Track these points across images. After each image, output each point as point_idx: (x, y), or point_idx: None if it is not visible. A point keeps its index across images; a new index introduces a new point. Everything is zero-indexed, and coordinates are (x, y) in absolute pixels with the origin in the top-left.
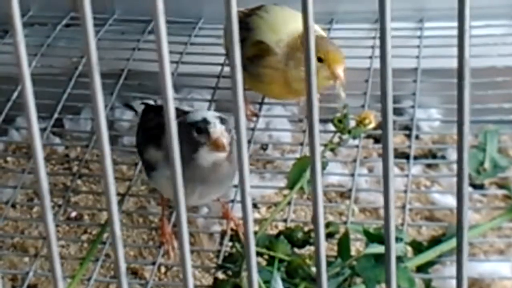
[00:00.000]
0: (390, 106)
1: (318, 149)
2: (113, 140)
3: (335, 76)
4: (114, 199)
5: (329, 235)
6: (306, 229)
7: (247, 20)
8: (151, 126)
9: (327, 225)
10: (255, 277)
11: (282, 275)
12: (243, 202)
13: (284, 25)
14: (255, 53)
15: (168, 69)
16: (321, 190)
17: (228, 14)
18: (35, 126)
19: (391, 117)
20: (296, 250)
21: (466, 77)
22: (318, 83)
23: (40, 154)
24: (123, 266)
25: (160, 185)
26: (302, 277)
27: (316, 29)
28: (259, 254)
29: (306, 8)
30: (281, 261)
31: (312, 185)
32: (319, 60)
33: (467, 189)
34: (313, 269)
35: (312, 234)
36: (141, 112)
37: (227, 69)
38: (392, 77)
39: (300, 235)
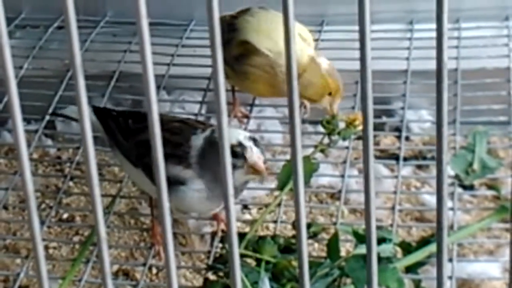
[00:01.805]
0: (370, 108)
1: (300, 150)
2: (105, 141)
3: (331, 111)
4: (98, 200)
5: (313, 236)
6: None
7: (233, 22)
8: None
9: (309, 225)
10: (239, 278)
11: (269, 276)
12: (226, 205)
13: (270, 29)
14: (241, 52)
15: (151, 71)
16: (303, 192)
17: (209, 18)
18: (21, 129)
19: (371, 119)
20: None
21: (444, 80)
22: (312, 102)
23: (25, 157)
24: (107, 267)
25: (189, 199)
26: (288, 279)
27: (301, 27)
28: (248, 255)
29: (287, 12)
30: (269, 262)
31: (294, 185)
32: (329, 93)
33: (446, 190)
34: None
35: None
36: (101, 116)
37: None
38: (381, 78)
39: (282, 240)
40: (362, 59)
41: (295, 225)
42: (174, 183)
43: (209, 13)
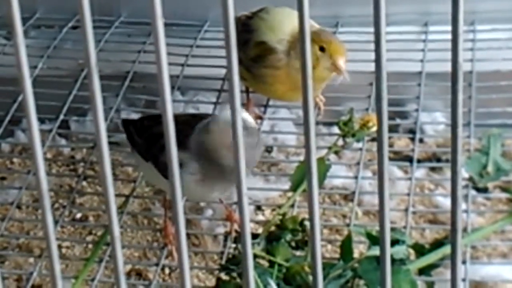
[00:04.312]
0: (385, 109)
1: (314, 149)
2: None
3: (336, 68)
4: (112, 200)
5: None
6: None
7: (249, 23)
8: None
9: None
10: (251, 277)
11: (280, 282)
12: (240, 203)
13: (283, 24)
14: (258, 54)
15: (166, 71)
16: (316, 192)
17: (225, 18)
18: (35, 127)
19: (386, 120)
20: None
21: (459, 81)
22: (319, 74)
23: (40, 156)
24: (121, 265)
25: (184, 183)
26: (299, 285)
27: (313, 24)
28: (261, 257)
29: (302, 11)
30: (281, 265)
31: (308, 185)
32: (321, 49)
33: (461, 191)
34: (311, 277)
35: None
36: (126, 125)
37: None
38: (395, 80)
39: (288, 237)
40: (377, 60)
41: (309, 225)
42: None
43: (225, 13)
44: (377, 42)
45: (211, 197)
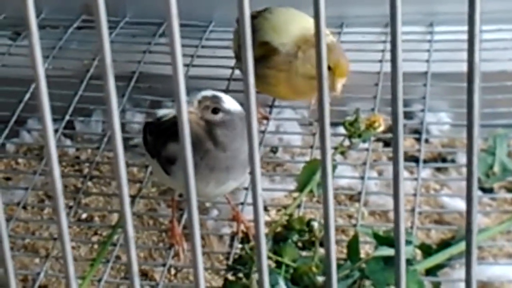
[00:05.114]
0: (401, 109)
1: (329, 152)
2: (124, 142)
3: (333, 88)
4: (127, 200)
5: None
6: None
7: (253, 23)
8: (167, 126)
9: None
10: (266, 278)
11: (287, 282)
12: (254, 204)
13: (287, 25)
14: (261, 54)
15: (181, 71)
16: (331, 191)
17: (241, 16)
18: (49, 125)
19: (401, 120)
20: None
21: (475, 81)
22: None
23: (54, 154)
24: (135, 266)
25: (180, 178)
26: (307, 285)
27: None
28: (268, 257)
29: (318, 12)
30: (288, 265)
31: (323, 185)
32: (328, 68)
33: (476, 191)
34: (318, 278)
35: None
36: (145, 126)
37: (237, 72)
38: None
39: (295, 237)
40: (393, 60)
41: (324, 225)
42: (167, 164)
43: (241, 12)
44: (393, 42)
45: (210, 192)
